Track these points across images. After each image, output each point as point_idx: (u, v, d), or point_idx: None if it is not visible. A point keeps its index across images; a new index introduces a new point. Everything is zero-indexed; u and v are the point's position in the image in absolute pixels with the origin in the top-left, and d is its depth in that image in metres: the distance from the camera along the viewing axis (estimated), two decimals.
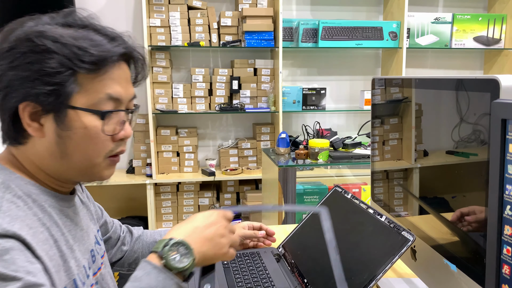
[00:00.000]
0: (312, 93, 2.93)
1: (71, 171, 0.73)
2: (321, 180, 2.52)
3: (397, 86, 0.97)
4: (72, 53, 0.67)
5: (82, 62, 0.67)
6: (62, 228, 0.72)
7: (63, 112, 0.68)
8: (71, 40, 0.67)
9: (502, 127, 0.57)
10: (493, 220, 0.59)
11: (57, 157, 0.70)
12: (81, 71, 0.68)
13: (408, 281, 1.06)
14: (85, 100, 0.69)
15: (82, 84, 0.68)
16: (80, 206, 0.84)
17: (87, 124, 0.70)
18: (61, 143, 0.70)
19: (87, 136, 0.70)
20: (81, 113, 0.69)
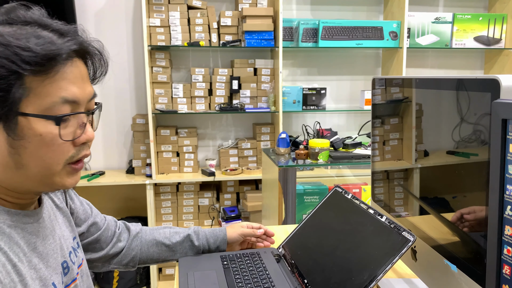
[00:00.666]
0: (312, 93, 2.93)
1: (29, 181, 0.67)
2: (321, 180, 2.52)
3: (398, 86, 0.97)
4: (14, 54, 0.60)
5: (27, 63, 0.60)
6: (24, 248, 0.67)
7: (13, 120, 0.62)
8: (12, 39, 0.60)
9: (503, 127, 0.57)
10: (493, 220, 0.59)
11: (12, 168, 0.65)
12: (27, 73, 0.61)
13: (408, 281, 1.06)
14: (36, 105, 0.62)
15: (31, 87, 0.62)
16: (52, 215, 0.79)
17: (42, 131, 0.63)
18: (14, 154, 0.64)
19: (43, 143, 0.64)
20: (34, 120, 0.63)
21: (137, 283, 2.78)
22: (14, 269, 0.64)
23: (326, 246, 0.98)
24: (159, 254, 1.11)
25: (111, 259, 1.07)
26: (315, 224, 1.09)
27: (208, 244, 1.14)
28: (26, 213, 0.70)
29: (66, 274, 0.76)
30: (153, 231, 1.13)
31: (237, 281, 1.01)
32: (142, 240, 1.11)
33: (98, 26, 2.87)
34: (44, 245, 0.72)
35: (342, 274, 0.87)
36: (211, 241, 1.14)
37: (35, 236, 0.70)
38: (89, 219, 0.99)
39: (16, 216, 0.68)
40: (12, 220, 0.67)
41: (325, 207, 1.10)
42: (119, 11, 2.89)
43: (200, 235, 1.14)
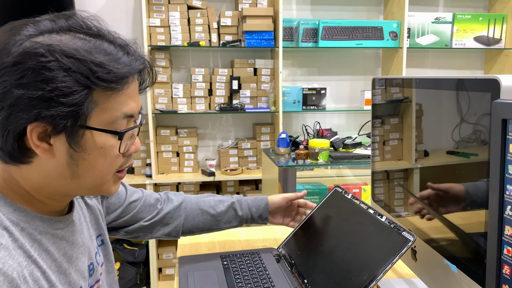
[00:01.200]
0: (312, 93, 2.93)
1: (79, 189, 0.70)
2: (321, 180, 2.52)
3: (398, 86, 0.97)
4: (89, 70, 0.61)
5: (101, 80, 0.62)
6: (55, 253, 0.68)
7: (78, 133, 0.63)
8: (86, 54, 0.62)
9: (503, 127, 0.57)
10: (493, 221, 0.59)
11: (66, 177, 0.66)
12: (99, 89, 0.63)
13: (408, 281, 1.06)
14: (101, 119, 0.65)
15: (98, 102, 0.63)
16: (82, 216, 0.80)
17: (103, 145, 0.66)
18: (72, 164, 0.65)
19: (102, 155, 0.66)
20: (97, 133, 0.65)
21: (137, 283, 2.78)
22: (44, 276, 0.65)
23: (326, 246, 0.98)
24: (204, 224, 1.12)
25: (152, 229, 1.08)
26: (315, 224, 1.09)
27: (251, 213, 1.15)
28: (58, 219, 0.71)
29: (91, 275, 0.78)
30: (197, 200, 1.14)
31: (237, 281, 1.01)
32: (187, 209, 1.11)
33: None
34: (73, 249, 0.73)
35: (342, 274, 0.87)
36: (253, 210, 1.15)
37: (65, 241, 0.71)
38: (124, 202, 1.01)
39: (48, 222, 0.69)
40: (43, 227, 0.68)
41: (325, 207, 1.10)
42: (119, 11, 2.89)
43: (243, 205, 1.15)
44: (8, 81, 0.59)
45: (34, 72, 0.59)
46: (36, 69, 0.59)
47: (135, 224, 1.05)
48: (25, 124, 0.61)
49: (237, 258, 1.12)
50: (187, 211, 1.11)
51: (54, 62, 0.60)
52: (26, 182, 0.67)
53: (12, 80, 0.59)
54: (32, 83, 0.59)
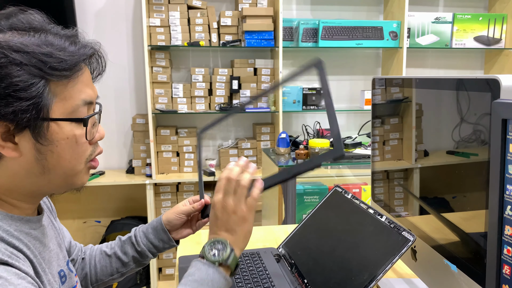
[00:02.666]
0: (312, 93, 2.93)
1: (51, 185, 0.69)
2: (321, 180, 2.52)
3: (398, 86, 0.97)
4: (40, 62, 0.61)
5: (54, 69, 0.63)
6: (33, 250, 0.67)
7: (43, 126, 0.63)
8: (34, 47, 0.62)
9: (503, 127, 0.57)
10: (493, 220, 0.59)
11: (36, 174, 0.66)
12: (54, 79, 0.63)
13: (408, 281, 1.06)
14: (62, 109, 0.65)
15: (56, 92, 0.64)
16: (48, 225, 0.79)
17: (69, 134, 0.66)
18: (41, 159, 0.65)
19: (69, 145, 0.67)
20: (63, 124, 0.65)
21: (137, 283, 2.78)
22: (32, 264, 0.65)
23: (326, 246, 0.98)
24: (110, 267, 1.01)
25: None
26: (315, 224, 1.09)
27: (150, 241, 1.00)
28: (29, 219, 0.70)
29: (63, 282, 0.76)
30: (99, 246, 1.05)
31: (237, 281, 1.01)
32: (91, 257, 1.02)
33: (98, 26, 2.86)
34: (45, 251, 0.72)
35: (342, 274, 0.87)
36: (151, 236, 1.00)
37: (39, 242, 0.71)
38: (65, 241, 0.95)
39: (19, 222, 0.68)
40: (16, 225, 0.67)
41: (325, 207, 1.10)
42: (119, 11, 2.89)
43: (138, 237, 1.01)
44: None
45: None
46: None
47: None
48: None
49: None
50: (90, 258, 1.02)
51: (4, 58, 0.59)
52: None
53: None
54: None
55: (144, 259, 1.01)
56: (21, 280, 0.58)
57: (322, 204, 1.12)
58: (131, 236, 1.01)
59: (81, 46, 0.68)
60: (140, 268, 1.04)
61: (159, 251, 1.01)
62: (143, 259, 1.01)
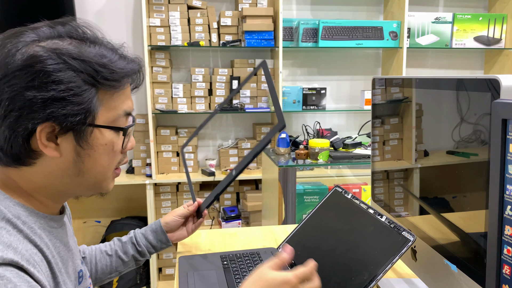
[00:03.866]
0: (312, 93, 2.93)
1: (81, 187, 0.72)
2: (321, 180, 2.52)
3: (398, 86, 0.97)
4: (94, 71, 0.66)
5: (105, 79, 0.67)
6: (52, 250, 0.69)
7: (86, 131, 0.67)
8: (90, 56, 0.67)
9: (503, 127, 0.57)
10: (493, 220, 0.59)
11: (70, 175, 0.69)
12: (104, 88, 0.68)
13: (408, 281, 1.06)
14: (106, 117, 0.69)
15: (103, 100, 0.68)
16: (68, 225, 0.81)
17: (108, 141, 0.70)
18: (78, 162, 0.69)
19: (106, 152, 0.71)
20: (104, 131, 0.70)
21: (137, 283, 2.78)
22: (49, 265, 0.67)
23: (326, 246, 0.98)
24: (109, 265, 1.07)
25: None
26: (315, 224, 1.09)
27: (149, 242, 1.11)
28: (52, 218, 0.72)
29: (80, 283, 0.78)
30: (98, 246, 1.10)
31: (237, 281, 1.01)
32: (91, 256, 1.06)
33: (98, 26, 2.86)
34: (65, 251, 0.74)
35: (342, 274, 0.87)
36: (151, 238, 1.11)
37: (59, 241, 0.73)
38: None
39: (44, 219, 0.70)
40: (41, 222, 0.69)
41: (325, 207, 1.10)
42: (119, 11, 2.89)
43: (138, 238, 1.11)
44: (17, 84, 0.62)
45: (45, 74, 0.62)
46: (47, 71, 0.62)
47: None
48: (36, 125, 0.63)
49: (237, 258, 1.12)
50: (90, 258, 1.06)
51: (63, 64, 0.63)
52: (27, 183, 0.69)
53: (22, 83, 0.62)
54: (43, 84, 0.62)
55: (142, 257, 1.11)
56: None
57: (322, 204, 1.12)
58: (132, 237, 1.11)
59: (129, 61, 0.73)
60: (135, 267, 1.12)
61: (157, 251, 1.12)
62: (142, 257, 1.11)
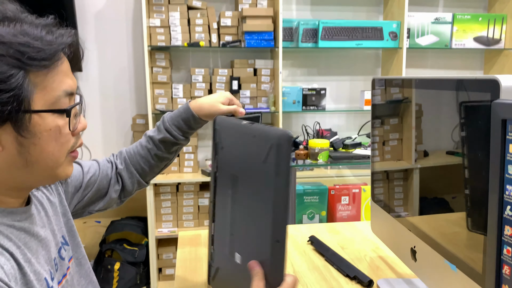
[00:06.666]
0: (312, 93, 2.93)
1: (34, 178, 0.68)
2: (321, 181, 2.52)
3: (397, 86, 0.97)
4: (18, 52, 0.60)
5: (32, 59, 0.61)
6: (16, 241, 0.66)
7: (25, 118, 0.62)
8: (11, 37, 0.60)
9: (503, 127, 0.57)
10: (493, 221, 0.59)
11: (19, 167, 0.65)
12: (33, 69, 0.62)
13: (408, 281, 1.06)
14: (44, 100, 0.64)
15: (36, 83, 0.63)
16: (42, 211, 0.78)
17: (52, 125, 0.65)
18: (24, 152, 0.64)
19: (52, 137, 0.66)
20: (45, 115, 0.64)
21: (137, 283, 2.78)
22: (12, 256, 0.64)
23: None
24: (145, 154, 1.04)
25: (120, 199, 1.06)
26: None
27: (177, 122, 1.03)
28: (12, 211, 0.68)
29: (57, 270, 0.76)
30: (133, 147, 1.07)
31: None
32: (129, 155, 1.05)
33: (98, 26, 2.86)
34: (34, 241, 0.71)
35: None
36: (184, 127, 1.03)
37: (25, 233, 0.69)
38: (83, 182, 0.98)
39: (1, 213, 0.66)
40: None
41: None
42: (119, 11, 2.89)
43: (166, 118, 1.04)
44: None
45: None
46: None
47: (104, 197, 1.02)
48: None
49: None
50: (130, 157, 1.05)
51: None
52: None
53: None
54: None
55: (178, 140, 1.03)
56: None
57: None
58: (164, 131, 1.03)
59: (58, 35, 0.66)
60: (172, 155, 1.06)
61: (184, 132, 1.04)
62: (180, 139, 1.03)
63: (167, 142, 1.03)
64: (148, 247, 2.81)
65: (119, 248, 2.73)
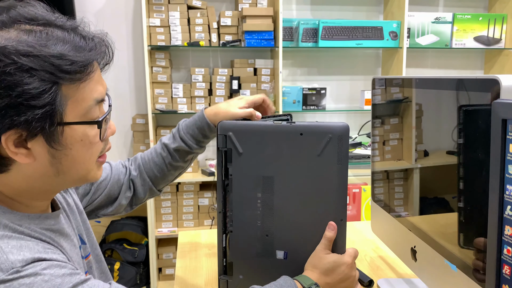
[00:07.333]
0: (312, 93, 2.93)
1: (65, 184, 0.69)
2: None
3: (398, 86, 0.97)
4: (51, 65, 0.58)
5: (66, 72, 0.59)
6: (58, 242, 0.68)
7: (56, 131, 0.61)
8: (43, 49, 0.58)
9: (503, 127, 0.57)
10: (493, 220, 0.59)
11: (50, 176, 0.65)
12: (67, 82, 0.60)
13: (408, 281, 1.06)
14: (75, 111, 0.62)
15: (68, 95, 0.61)
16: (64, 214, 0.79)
17: (83, 136, 0.65)
18: (56, 163, 0.64)
19: (84, 147, 0.65)
20: (76, 127, 0.63)
21: (137, 283, 2.78)
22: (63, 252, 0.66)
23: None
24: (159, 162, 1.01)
25: (130, 205, 1.05)
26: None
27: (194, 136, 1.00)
28: (47, 216, 0.70)
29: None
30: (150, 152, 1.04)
31: None
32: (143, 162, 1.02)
33: (98, 26, 2.86)
34: (67, 241, 0.72)
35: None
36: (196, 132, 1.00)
37: (59, 234, 0.71)
38: (94, 184, 0.97)
39: (37, 220, 0.67)
40: (35, 223, 0.66)
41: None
42: (119, 11, 2.89)
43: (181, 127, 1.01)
44: None
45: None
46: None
47: (114, 202, 1.00)
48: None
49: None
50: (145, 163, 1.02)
51: (13, 64, 0.55)
52: (7, 189, 0.65)
53: None
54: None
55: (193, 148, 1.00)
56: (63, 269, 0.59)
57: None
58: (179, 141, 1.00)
59: (90, 41, 0.65)
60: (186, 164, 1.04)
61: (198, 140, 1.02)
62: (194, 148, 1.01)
63: (182, 151, 1.00)
64: (148, 247, 2.81)
65: (119, 248, 2.73)
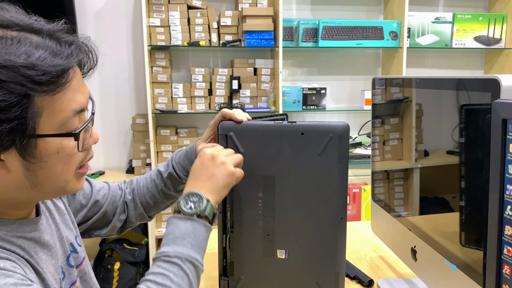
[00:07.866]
0: (312, 93, 2.93)
1: (43, 195, 0.66)
2: None
3: (398, 86, 0.97)
4: (21, 76, 0.53)
5: (38, 84, 0.54)
6: (28, 250, 0.65)
7: (30, 144, 0.57)
8: (13, 58, 0.53)
9: (503, 127, 0.57)
10: (493, 220, 0.59)
11: (26, 188, 0.62)
12: (39, 94, 0.55)
13: (408, 281, 1.06)
14: (50, 124, 0.58)
15: (42, 107, 0.56)
16: (50, 219, 0.77)
17: (59, 149, 0.60)
18: (30, 175, 0.60)
19: (60, 160, 0.61)
20: (51, 140, 0.59)
21: (137, 283, 2.78)
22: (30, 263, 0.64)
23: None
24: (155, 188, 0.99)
25: (121, 228, 1.02)
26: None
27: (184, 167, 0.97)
28: (21, 223, 0.67)
29: (63, 279, 0.75)
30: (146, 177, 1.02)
31: None
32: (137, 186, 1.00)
33: (98, 26, 2.86)
34: (44, 251, 0.70)
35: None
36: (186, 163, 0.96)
37: (35, 242, 0.68)
38: (90, 201, 0.94)
39: (10, 226, 0.65)
40: (7, 230, 0.64)
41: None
42: (119, 11, 2.89)
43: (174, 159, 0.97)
44: None
45: None
46: None
47: (109, 224, 0.97)
48: None
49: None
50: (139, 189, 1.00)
51: None
52: None
53: None
54: None
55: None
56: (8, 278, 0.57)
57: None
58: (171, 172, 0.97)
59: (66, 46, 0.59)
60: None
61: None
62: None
63: (173, 180, 0.97)
64: (148, 247, 2.81)
65: (119, 248, 2.73)
